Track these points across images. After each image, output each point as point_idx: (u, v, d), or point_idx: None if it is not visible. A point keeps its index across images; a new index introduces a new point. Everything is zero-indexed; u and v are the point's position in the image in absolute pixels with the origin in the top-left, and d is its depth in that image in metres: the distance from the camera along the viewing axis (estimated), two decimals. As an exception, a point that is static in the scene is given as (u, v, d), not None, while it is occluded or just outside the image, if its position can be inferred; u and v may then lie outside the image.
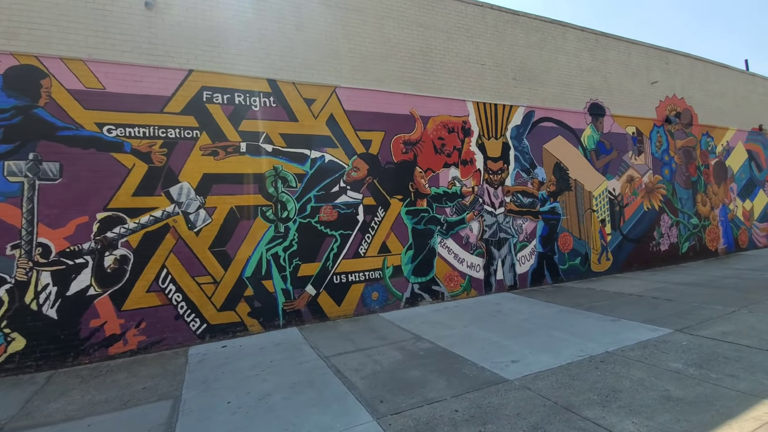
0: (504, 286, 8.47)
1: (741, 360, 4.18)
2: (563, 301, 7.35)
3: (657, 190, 11.03)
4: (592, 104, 10.05)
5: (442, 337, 5.49)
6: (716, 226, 12.37)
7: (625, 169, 10.49)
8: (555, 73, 9.53)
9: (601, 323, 5.80)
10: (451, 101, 8.13)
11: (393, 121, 7.51)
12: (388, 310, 7.20)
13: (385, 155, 7.42)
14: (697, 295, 7.27)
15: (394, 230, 7.39)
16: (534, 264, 8.88)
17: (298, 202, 6.64)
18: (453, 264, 7.93)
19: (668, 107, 11.51)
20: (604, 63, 10.36)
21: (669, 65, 11.69)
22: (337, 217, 6.91)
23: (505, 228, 8.57)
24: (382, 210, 7.32)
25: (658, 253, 10.90)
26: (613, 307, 6.75)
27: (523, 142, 8.95)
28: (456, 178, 8.08)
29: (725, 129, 13.00)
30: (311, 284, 6.64)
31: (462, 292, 7.98)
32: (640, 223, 10.63)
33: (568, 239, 9.38)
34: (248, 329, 6.18)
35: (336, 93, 7.05)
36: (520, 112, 8.93)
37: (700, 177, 12.14)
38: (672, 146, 11.52)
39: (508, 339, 5.28)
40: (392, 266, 7.32)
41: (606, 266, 9.90)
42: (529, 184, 8.97)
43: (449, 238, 7.93)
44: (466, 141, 8.25)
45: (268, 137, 6.49)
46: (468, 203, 8.19)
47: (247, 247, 6.25)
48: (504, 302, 7.47)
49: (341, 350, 5.21)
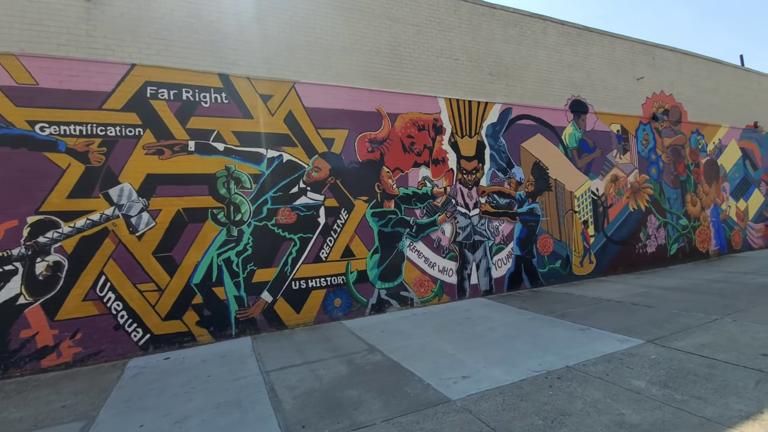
0: (479, 291, 8.08)
1: (713, 378, 3.79)
2: (537, 307, 6.97)
3: (643, 190, 10.64)
4: (574, 101, 9.66)
5: (396, 349, 5.11)
6: (707, 227, 11.96)
7: (609, 168, 10.09)
8: (534, 69, 9.14)
9: (570, 333, 5.41)
10: (421, 98, 7.75)
11: (358, 119, 7.14)
12: (352, 317, 6.82)
13: (349, 154, 7.04)
14: (679, 301, 6.87)
15: (358, 233, 7.01)
16: (511, 268, 8.49)
17: (253, 203, 6.27)
18: (423, 268, 7.54)
19: (655, 104, 11.11)
20: (586, 58, 9.97)
21: (656, 60, 11.29)
22: (296, 219, 6.54)
23: (480, 230, 8.19)
24: (346, 212, 6.95)
25: (645, 256, 10.50)
26: (588, 314, 6.36)
27: (500, 140, 8.57)
28: (427, 178, 7.70)
29: (717, 126, 12.58)
30: (267, 291, 6.27)
31: (433, 297, 7.60)
32: (626, 225, 10.23)
33: (548, 241, 8.99)
34: (197, 339, 5.82)
35: (295, 89, 6.68)
36: (496, 109, 8.55)
37: (690, 176, 11.73)
38: (659, 144, 11.12)
39: (466, 351, 4.89)
40: (357, 271, 6.94)
41: (589, 269, 9.50)
42: (506, 185, 8.59)
43: (419, 241, 7.55)
44: (437, 139, 7.87)
45: (219, 135, 6.12)
46: (440, 204, 7.80)
47: (196, 252, 5.88)
48: (475, 309, 7.09)
49: (287, 363, 4.84)
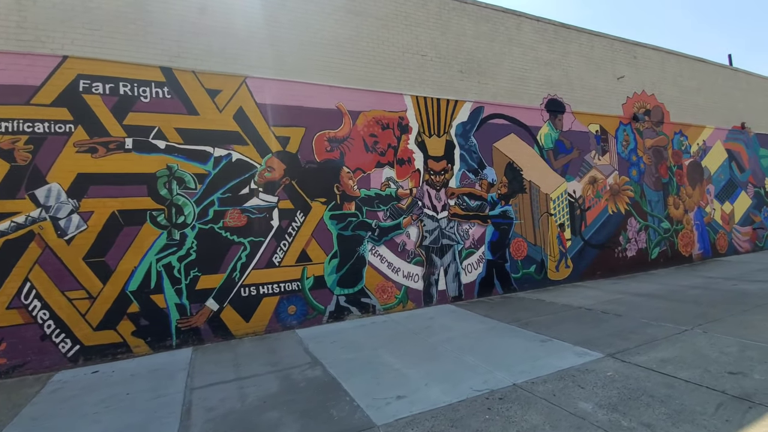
0: (447, 297, 7.73)
1: (669, 401, 3.44)
2: (503, 315, 6.62)
3: (623, 192, 10.33)
4: (550, 100, 9.34)
5: (340, 362, 4.75)
6: (690, 230, 11.66)
7: (587, 169, 9.78)
8: (508, 67, 8.82)
9: (529, 344, 5.06)
10: (385, 95, 7.40)
11: (316, 116, 6.78)
12: (308, 326, 6.45)
13: (306, 154, 6.68)
14: (652, 309, 6.54)
15: (315, 237, 6.65)
16: (482, 273, 8.14)
17: (197, 205, 5.90)
18: (386, 274, 7.18)
19: (636, 104, 10.82)
20: (564, 56, 9.66)
21: (637, 59, 10.99)
22: (246, 222, 6.17)
23: (448, 234, 7.84)
24: (302, 214, 6.58)
25: (625, 260, 10.18)
26: (554, 323, 6.02)
27: (471, 140, 8.23)
28: (391, 179, 7.35)
29: (701, 127, 12.30)
30: (213, 298, 5.90)
31: (397, 304, 7.24)
32: (604, 228, 9.91)
33: (522, 245, 8.66)
34: (132, 351, 5.43)
35: (246, 84, 6.32)
36: (466, 107, 8.22)
37: (672, 178, 11.44)
38: (640, 146, 10.82)
39: (414, 365, 4.54)
40: (313, 277, 6.58)
41: (565, 274, 9.17)
42: (477, 186, 8.24)
43: (382, 245, 7.19)
44: (403, 138, 7.53)
45: (161, 132, 5.74)
46: (405, 207, 7.45)
47: (133, 257, 5.50)
48: (439, 317, 6.73)
49: (217, 379, 4.46)
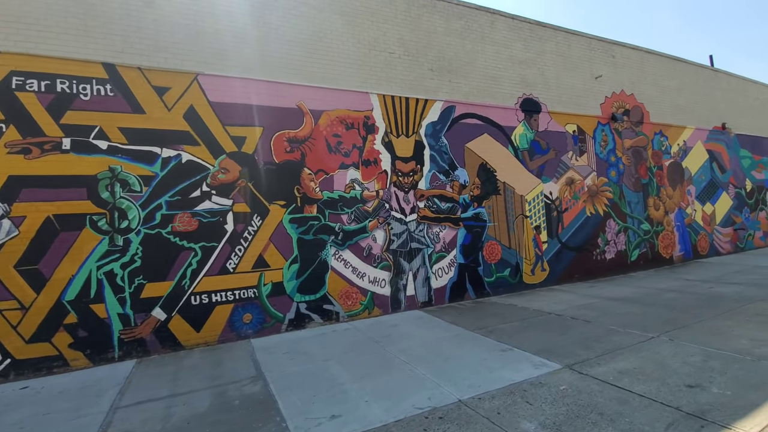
0: (416, 303, 7.46)
1: (618, 419, 3.19)
2: (470, 321, 6.36)
3: (602, 194, 10.14)
4: (526, 99, 9.13)
5: (285, 377, 4.45)
6: (671, 231, 11.51)
7: (564, 170, 9.58)
8: (481, 65, 8.59)
9: (488, 355, 4.80)
10: (350, 93, 7.13)
11: (275, 115, 6.49)
12: (265, 335, 6.15)
13: (264, 154, 6.39)
14: (622, 315, 6.32)
15: (274, 241, 6.36)
16: (453, 277, 7.88)
17: (143, 209, 5.58)
18: (350, 279, 6.90)
19: (615, 104, 10.65)
20: (540, 55, 9.46)
21: (616, 58, 10.84)
22: (197, 226, 5.86)
23: (417, 237, 7.58)
24: (259, 218, 6.29)
25: (603, 262, 9.99)
26: (519, 330, 5.77)
27: (441, 140, 7.98)
28: (356, 181, 7.08)
29: (682, 128, 12.17)
30: (160, 307, 5.58)
31: (362, 311, 6.96)
32: (582, 230, 9.71)
33: (496, 248, 8.42)
34: (70, 364, 5.09)
35: (198, 81, 6.02)
36: (437, 107, 7.97)
37: (652, 179, 11.28)
38: (619, 146, 10.65)
39: (360, 379, 4.26)
40: (271, 283, 6.28)
41: (541, 277, 8.95)
42: (448, 188, 8.00)
43: (346, 249, 6.91)
44: (369, 138, 7.26)
45: (102, 132, 5.42)
46: (371, 209, 7.18)
47: (70, 265, 5.17)
48: (403, 324, 6.46)
49: (148, 396, 4.15)
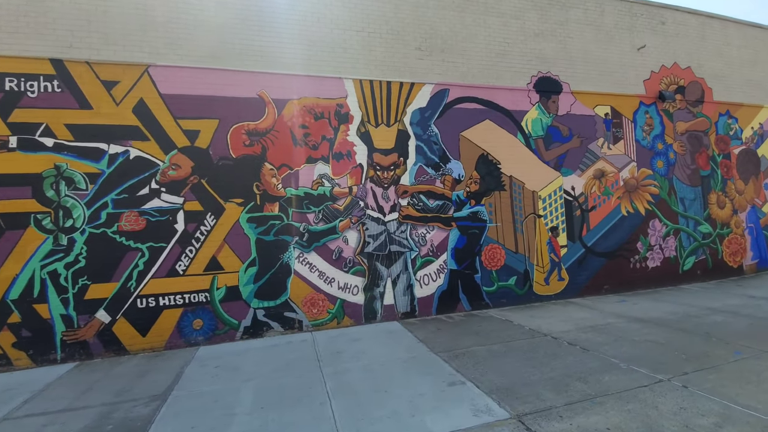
0: (395, 313, 6.63)
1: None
2: (443, 341, 5.42)
3: (644, 189, 8.43)
4: (542, 78, 7.79)
5: (186, 398, 3.95)
6: (741, 234, 9.35)
7: (592, 161, 8.07)
8: (483, 41, 7.44)
9: (430, 388, 3.90)
10: (320, 80, 6.46)
11: (232, 106, 6.03)
12: (217, 342, 5.74)
13: (219, 149, 5.96)
14: (638, 343, 4.99)
15: (229, 242, 5.91)
16: (443, 285, 6.91)
17: (88, 208, 5.40)
18: (317, 285, 6.27)
19: (664, 79, 8.81)
20: (561, 25, 8.03)
21: (666, 26, 8.95)
22: (145, 226, 5.58)
23: (398, 239, 6.72)
24: (213, 217, 5.87)
25: (644, 272, 8.31)
26: (493, 356, 4.74)
27: (431, 128, 7.02)
28: (325, 176, 6.41)
29: (757, 107, 9.84)
30: (104, 309, 5.38)
31: (330, 320, 6.29)
32: (615, 232, 8.13)
33: (499, 253, 7.27)
34: (13, 363, 5.05)
35: (149, 73, 5.72)
36: (426, 90, 7.01)
37: (716, 170, 9.22)
38: (670, 131, 8.80)
39: (259, 409, 3.61)
40: (225, 287, 5.85)
41: (558, 288, 7.61)
42: (438, 183, 7.02)
43: (312, 251, 6.28)
44: (341, 129, 6.54)
45: (48, 129, 5.31)
46: (342, 208, 6.47)
47: (14, 264, 5.11)
48: (368, 338, 5.69)
49: (43, 409, 3.87)
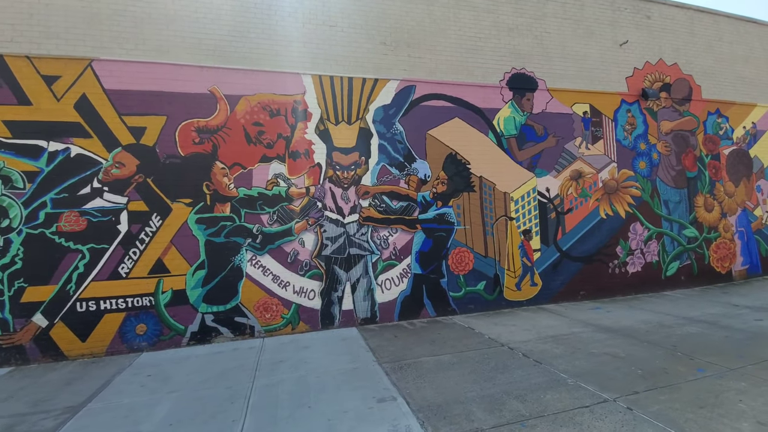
0: (355, 319, 6.36)
1: None
2: (394, 349, 5.14)
3: (624, 190, 8.08)
4: (516, 75, 7.47)
5: (99, 411, 3.72)
6: (729, 239, 8.95)
7: (568, 161, 7.73)
8: (454, 36, 7.14)
9: (356, 404, 3.63)
10: (277, 75, 6.21)
11: (182, 103, 5.80)
12: (162, 348, 5.52)
13: (167, 147, 5.73)
14: (595, 356, 4.67)
15: (176, 244, 5.68)
16: (406, 290, 6.63)
17: (26, 207, 5.19)
18: (270, 289, 6.02)
19: (649, 76, 8.43)
20: (538, 20, 7.70)
21: (652, 20, 8.58)
22: (86, 226, 5.37)
23: (359, 241, 6.45)
24: (159, 218, 5.65)
25: (624, 277, 7.95)
26: (439, 368, 4.45)
27: (395, 126, 6.73)
28: (280, 176, 6.16)
29: (750, 106, 9.42)
30: (41, 313, 5.17)
31: (284, 325, 6.04)
32: (593, 236, 7.79)
33: (467, 257, 6.97)
34: (-57, 368, 4.88)
35: (92, 67, 5.50)
36: (390, 87, 6.73)
37: (703, 172, 8.82)
38: (654, 130, 8.42)
39: (168, 426, 3.36)
40: (171, 291, 5.62)
41: (530, 293, 7.29)
42: (403, 183, 6.73)
43: (266, 254, 6.03)
44: (299, 127, 6.28)
45: (-16, 126, 5.13)
46: (298, 209, 6.21)
47: (-55, 265, 4.94)
48: (318, 346, 5.42)
49: (-54, 421, 3.67)
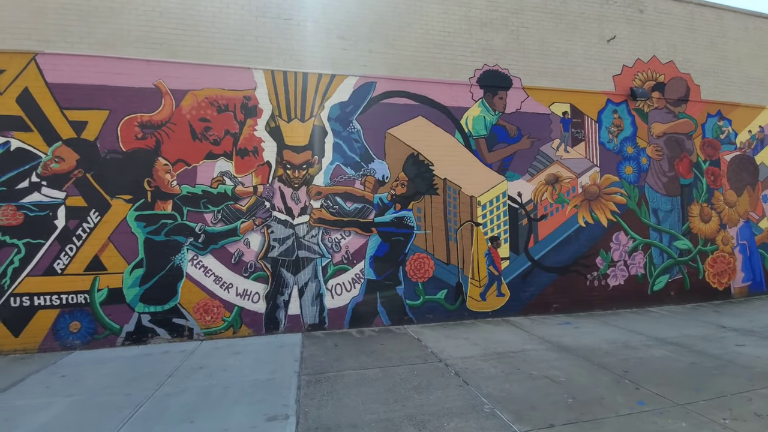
0: (301, 324, 6.09)
1: None
2: (326, 360, 4.83)
3: (607, 197, 7.50)
4: (488, 72, 7.04)
5: (-16, 413, 3.58)
6: (729, 253, 8.20)
7: (544, 165, 7.23)
8: (419, 30, 6.79)
9: (239, 424, 3.35)
10: (226, 70, 6.02)
11: (125, 97, 5.68)
12: (96, 347, 5.40)
13: (108, 141, 5.62)
14: (534, 379, 4.24)
15: (114, 241, 5.56)
16: (358, 296, 6.31)
17: (-38, 200, 5.19)
18: (212, 290, 5.82)
19: (639, 75, 7.83)
20: (515, 14, 7.25)
21: (645, 14, 7.96)
22: (22, 220, 5.30)
23: (308, 244, 6.18)
24: (97, 214, 5.54)
25: (605, 291, 7.37)
26: (359, 383, 4.13)
27: (353, 125, 6.43)
28: (226, 174, 5.96)
29: (758, 108, 8.63)
30: (-27, 307, 5.14)
31: (225, 328, 5.83)
32: (570, 245, 7.25)
33: (426, 264, 6.59)
34: None
35: (36, 61, 5.44)
36: (348, 83, 6.44)
37: (700, 179, 8.12)
38: (643, 132, 7.81)
39: (35, 435, 3.18)
40: (107, 289, 5.50)
41: (496, 304, 6.83)
42: (358, 184, 6.42)
43: (208, 254, 5.83)
44: (248, 123, 6.07)
45: (-77, 118, 5.14)
46: (245, 208, 6.00)
47: None
48: (250, 352, 5.17)
49: None
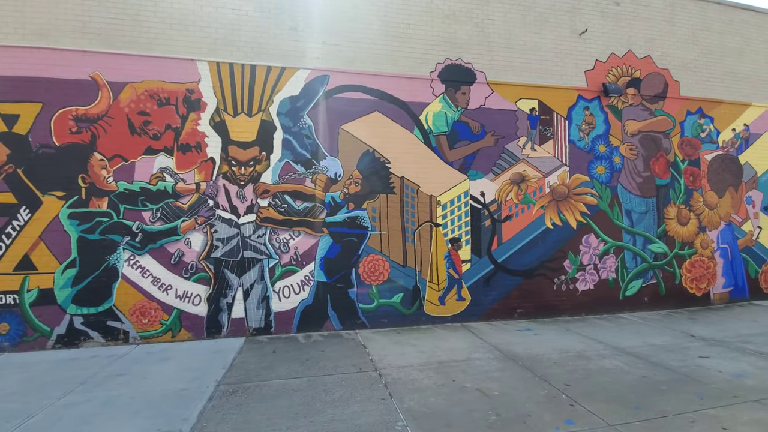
0: (246, 328, 5.82)
1: None
2: (255, 368, 4.56)
3: (577, 197, 7.16)
4: (450, 66, 6.73)
5: None
6: (708, 257, 7.81)
7: (510, 163, 6.91)
8: (376, 22, 6.49)
9: None
10: (168, 61, 5.76)
11: (60, 89, 5.44)
12: (25, 350, 5.17)
13: (40, 136, 5.38)
14: (463, 392, 3.94)
15: (46, 239, 5.32)
16: (308, 299, 6.03)
17: None
18: (149, 292, 5.57)
19: (613, 70, 7.47)
20: (480, 5, 6.93)
21: (621, 7, 7.60)
22: (-53, 218, 5.10)
23: (254, 244, 5.91)
24: (28, 211, 5.30)
25: (573, 295, 7.04)
26: (276, 395, 3.85)
27: (303, 120, 6.15)
28: (167, 170, 5.70)
29: (743, 105, 8.23)
30: None
31: (164, 332, 5.58)
32: (536, 247, 6.92)
33: (381, 266, 6.30)
34: None
35: (-36, 51, 5.24)
36: (299, 77, 6.16)
37: (678, 179, 7.74)
38: (617, 130, 7.45)
39: None
40: (38, 289, 5.27)
41: (456, 309, 6.52)
42: (309, 182, 6.14)
43: (146, 254, 5.59)
44: (191, 118, 5.81)
45: None
46: (186, 206, 5.74)
47: None
48: (177, 357, 4.91)
49: None
